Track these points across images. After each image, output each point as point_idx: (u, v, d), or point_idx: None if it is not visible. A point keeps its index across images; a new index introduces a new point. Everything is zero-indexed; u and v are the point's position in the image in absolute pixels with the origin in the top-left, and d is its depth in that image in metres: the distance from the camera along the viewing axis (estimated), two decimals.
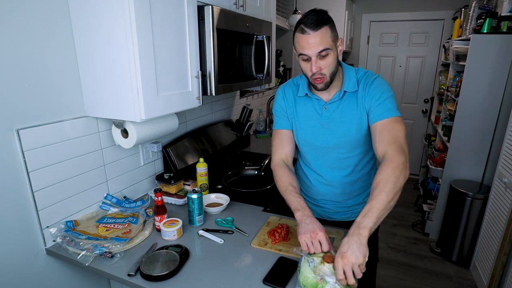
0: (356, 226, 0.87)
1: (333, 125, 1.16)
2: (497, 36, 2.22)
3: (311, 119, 1.20)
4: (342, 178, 1.24)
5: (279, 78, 3.23)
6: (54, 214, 1.15)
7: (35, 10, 1.02)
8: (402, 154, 0.98)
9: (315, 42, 1.00)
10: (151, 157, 1.59)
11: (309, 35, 1.00)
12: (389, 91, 1.10)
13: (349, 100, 1.14)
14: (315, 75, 1.05)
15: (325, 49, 1.01)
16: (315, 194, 1.32)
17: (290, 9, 3.20)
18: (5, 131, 0.99)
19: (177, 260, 1.03)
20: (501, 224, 1.96)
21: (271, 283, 0.95)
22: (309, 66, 1.05)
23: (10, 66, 0.98)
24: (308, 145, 1.24)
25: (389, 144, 1.01)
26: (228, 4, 1.46)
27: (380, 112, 1.07)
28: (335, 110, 1.16)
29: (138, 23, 1.00)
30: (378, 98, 1.09)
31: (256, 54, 1.70)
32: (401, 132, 1.03)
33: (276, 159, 1.22)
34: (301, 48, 1.03)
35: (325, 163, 1.24)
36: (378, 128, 1.07)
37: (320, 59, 1.03)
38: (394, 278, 2.34)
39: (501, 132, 2.32)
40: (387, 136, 1.03)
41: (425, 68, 3.88)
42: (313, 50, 1.01)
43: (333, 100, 1.15)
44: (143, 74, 1.05)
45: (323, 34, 1.00)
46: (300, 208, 1.00)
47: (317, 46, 1.00)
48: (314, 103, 1.19)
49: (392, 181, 0.91)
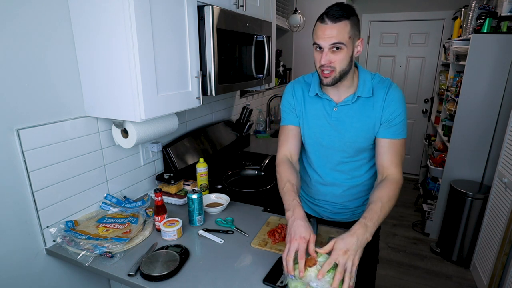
0: (364, 229, 0.90)
1: (342, 127, 1.15)
2: (497, 36, 2.22)
3: (320, 118, 1.18)
4: (343, 181, 1.24)
5: (279, 78, 3.24)
6: (54, 214, 1.15)
7: (35, 10, 1.02)
8: (401, 175, 1.10)
9: (331, 33, 0.98)
10: (151, 157, 1.59)
11: (326, 25, 0.99)
12: (405, 110, 1.12)
13: (362, 106, 1.12)
14: (323, 67, 1.04)
15: (338, 42, 0.99)
16: (315, 194, 1.32)
17: (290, 9, 3.20)
18: (5, 131, 0.99)
19: (177, 260, 1.03)
20: (501, 224, 1.96)
21: (271, 283, 0.95)
22: (320, 56, 1.04)
23: (10, 66, 0.98)
24: (314, 144, 1.23)
25: (396, 166, 1.09)
26: (228, 4, 1.47)
27: (393, 131, 1.10)
28: (346, 113, 1.14)
29: (138, 23, 1.00)
30: (396, 116, 1.09)
31: (256, 54, 1.70)
32: (404, 154, 1.13)
33: (280, 155, 1.21)
34: (317, 37, 1.02)
35: (327, 164, 1.23)
36: (386, 145, 1.11)
37: (332, 52, 1.01)
38: (394, 278, 2.34)
39: (501, 132, 2.32)
40: (394, 157, 1.10)
41: (425, 68, 3.88)
42: (326, 41, 1.00)
43: (344, 103, 1.13)
44: (143, 74, 1.05)
45: (341, 28, 0.98)
46: (290, 208, 0.99)
47: (331, 38, 0.99)
48: (324, 103, 1.17)
49: (394, 200, 1.02)
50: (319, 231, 1.21)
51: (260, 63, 1.74)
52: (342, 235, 0.89)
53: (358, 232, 0.88)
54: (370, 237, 0.90)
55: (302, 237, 0.89)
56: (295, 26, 2.98)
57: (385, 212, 0.97)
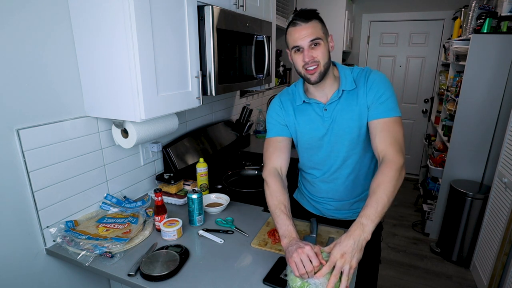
0: (361, 229, 0.89)
1: (335, 124, 1.16)
2: (497, 36, 2.22)
3: (313, 122, 1.19)
4: (345, 175, 1.23)
5: (279, 78, 3.23)
6: (54, 214, 1.15)
7: (35, 10, 1.02)
8: (401, 155, 1.02)
9: (307, 32, 1.03)
10: (151, 157, 1.59)
11: (300, 27, 1.04)
12: (390, 88, 1.11)
13: (348, 98, 1.14)
14: (307, 64, 1.06)
15: (316, 38, 1.04)
16: (317, 192, 1.32)
17: (290, 9, 3.20)
18: (5, 131, 0.99)
19: (177, 260, 1.03)
20: (501, 224, 1.96)
21: (271, 283, 0.95)
22: (301, 57, 1.06)
23: (10, 66, 0.98)
24: (312, 148, 1.23)
25: (390, 145, 1.03)
26: (228, 4, 1.46)
27: (382, 110, 1.08)
28: (335, 109, 1.15)
29: (138, 23, 1.00)
30: (380, 95, 1.09)
31: (256, 54, 1.70)
32: (400, 133, 1.07)
33: (269, 167, 1.16)
34: (293, 40, 1.06)
35: (328, 163, 1.23)
36: (378, 126, 1.08)
37: (312, 49, 1.05)
38: (394, 278, 2.34)
39: (501, 132, 2.32)
40: (388, 136, 1.05)
41: (425, 68, 3.88)
42: (305, 40, 1.04)
43: (331, 101, 1.15)
44: (143, 74, 1.05)
45: (314, 25, 1.04)
46: (287, 235, 0.97)
47: (309, 36, 1.03)
48: (314, 107, 1.18)
49: (393, 184, 0.96)
50: (319, 231, 1.21)
51: (260, 63, 1.74)
52: (340, 238, 0.89)
53: (354, 234, 0.88)
54: (369, 236, 0.88)
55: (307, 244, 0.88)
56: None
57: (383, 202, 0.92)
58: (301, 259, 0.86)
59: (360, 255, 0.87)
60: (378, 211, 0.91)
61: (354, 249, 0.86)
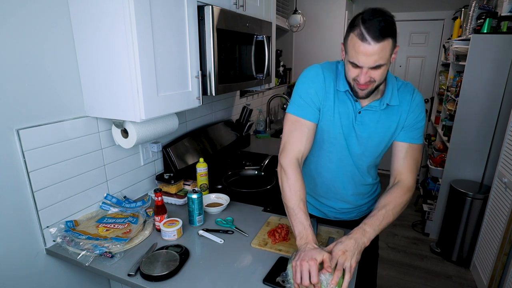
0: (362, 233, 0.92)
1: (365, 133, 1.09)
2: (497, 36, 2.22)
3: (347, 118, 1.08)
4: (356, 184, 1.21)
5: (279, 78, 3.24)
6: (54, 214, 1.15)
7: (35, 10, 1.02)
8: (415, 182, 1.09)
9: (373, 55, 0.87)
10: (151, 157, 1.59)
11: (369, 46, 0.86)
12: (425, 116, 1.12)
13: (388, 113, 1.08)
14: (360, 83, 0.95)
15: (382, 64, 0.90)
16: (324, 193, 1.26)
17: (290, 9, 3.20)
18: (5, 131, 0.99)
19: (177, 260, 1.03)
20: (501, 224, 1.96)
21: (271, 283, 0.95)
22: (356, 73, 0.93)
23: (9, 66, 0.98)
24: (335, 145, 1.13)
25: (411, 172, 1.08)
26: (228, 4, 1.46)
27: (414, 135, 1.09)
28: (370, 118, 1.07)
29: (138, 23, 1.00)
30: (419, 121, 1.09)
31: (256, 54, 1.70)
32: (419, 161, 1.13)
33: (290, 156, 1.04)
34: (355, 55, 0.89)
35: (345, 167, 1.17)
36: (405, 150, 1.10)
37: (373, 69, 0.91)
38: (394, 278, 2.34)
39: (501, 132, 2.32)
40: (411, 162, 1.09)
41: (425, 68, 3.88)
42: (367, 64, 0.89)
43: (370, 108, 1.06)
44: (143, 74, 1.05)
45: (385, 47, 0.86)
46: (303, 236, 0.93)
47: (374, 60, 0.88)
48: (352, 102, 1.07)
49: (402, 207, 1.02)
50: (319, 231, 1.21)
51: (260, 63, 1.74)
52: (341, 238, 0.92)
53: (356, 236, 0.91)
54: (367, 242, 0.92)
55: (313, 259, 0.84)
56: (295, 26, 2.98)
57: (389, 219, 0.97)
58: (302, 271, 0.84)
59: (359, 257, 0.89)
60: (382, 225, 0.96)
61: (355, 248, 0.88)
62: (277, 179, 1.10)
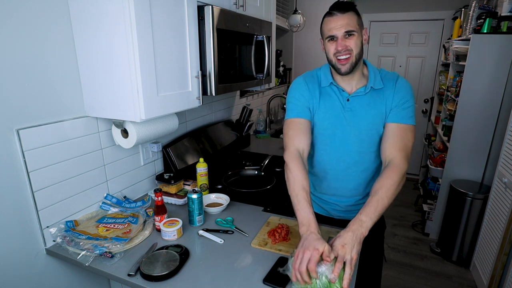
0: (359, 224, 0.92)
1: (356, 118, 1.15)
2: (497, 36, 2.22)
3: (335, 109, 1.17)
4: (358, 173, 1.22)
5: (279, 78, 3.24)
6: (54, 214, 1.15)
7: (35, 10, 1.02)
8: (407, 162, 1.07)
9: (342, 23, 1.06)
10: (151, 157, 1.59)
11: (337, 17, 1.06)
12: (413, 97, 1.15)
13: (374, 95, 1.15)
14: (340, 53, 1.07)
15: (351, 30, 1.06)
16: (327, 189, 1.28)
17: (290, 9, 3.20)
18: (5, 131, 0.99)
19: (177, 260, 1.03)
20: (501, 224, 1.96)
21: (271, 283, 0.95)
22: (334, 45, 1.08)
23: (9, 66, 0.98)
24: (329, 136, 1.19)
25: (399, 151, 1.08)
26: (228, 4, 1.47)
27: (402, 115, 1.12)
28: (359, 102, 1.15)
29: (138, 23, 1.00)
30: (404, 102, 1.12)
31: (256, 54, 1.70)
32: (411, 142, 1.11)
33: (291, 150, 1.12)
34: (328, 29, 1.08)
35: (342, 157, 1.21)
36: (393, 130, 1.11)
37: (346, 38, 1.07)
38: (394, 278, 2.34)
39: (501, 132, 2.32)
40: (399, 142, 1.09)
41: (425, 68, 3.88)
42: (340, 30, 1.06)
43: (357, 94, 1.15)
44: (143, 74, 1.05)
45: (350, 17, 1.06)
46: (305, 223, 0.95)
47: (345, 26, 1.06)
48: (337, 94, 1.17)
49: (395, 187, 1.01)
50: None
51: (260, 63, 1.74)
52: (340, 233, 0.92)
53: (353, 228, 0.91)
54: (366, 232, 0.92)
55: (316, 249, 0.85)
56: (295, 26, 2.98)
57: (384, 204, 0.97)
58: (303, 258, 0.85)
59: (359, 247, 0.89)
60: (378, 211, 0.95)
61: (354, 240, 0.89)
62: (277, 179, 1.15)
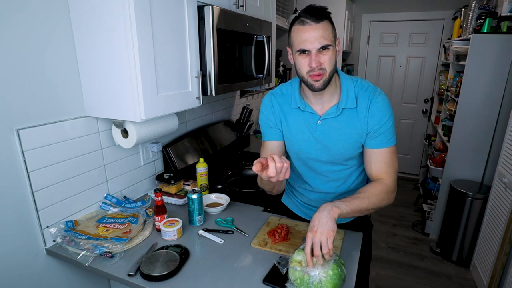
0: (330, 203, 0.91)
1: (328, 141, 1.10)
2: (497, 36, 2.22)
3: (304, 132, 1.12)
4: (335, 188, 1.21)
5: (279, 78, 3.24)
6: (54, 214, 1.15)
7: (35, 10, 1.02)
8: (395, 183, 1.06)
9: (317, 34, 0.91)
10: (151, 157, 1.59)
11: (310, 26, 0.91)
12: (392, 116, 1.06)
13: (347, 117, 1.07)
14: (313, 71, 0.95)
15: (327, 44, 0.93)
16: (307, 200, 1.30)
17: (290, 9, 3.20)
18: (5, 131, 0.99)
19: (177, 260, 1.03)
20: (501, 224, 1.96)
21: (271, 283, 0.95)
22: (307, 61, 0.95)
23: (10, 66, 0.98)
24: (301, 158, 1.18)
25: (386, 174, 1.06)
26: (228, 4, 1.46)
27: (381, 140, 1.05)
28: (331, 126, 1.08)
29: (138, 23, 1.00)
30: (382, 125, 1.04)
31: (256, 54, 1.70)
32: (396, 162, 1.08)
33: None
34: (300, 42, 0.94)
35: (317, 176, 1.20)
36: (375, 155, 1.07)
37: (320, 53, 0.94)
38: (394, 278, 2.34)
39: (501, 132, 2.32)
40: (384, 166, 1.06)
41: (425, 68, 3.88)
42: (314, 44, 0.92)
43: (328, 116, 1.07)
44: (143, 74, 1.05)
45: (325, 27, 0.93)
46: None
47: (319, 39, 0.92)
48: (306, 116, 1.11)
49: (379, 199, 0.99)
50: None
51: (260, 63, 1.74)
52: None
53: (321, 208, 0.90)
54: (336, 209, 0.89)
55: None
56: None
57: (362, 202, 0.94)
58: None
59: (332, 224, 0.86)
60: (353, 204, 0.93)
61: (320, 220, 0.87)
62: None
